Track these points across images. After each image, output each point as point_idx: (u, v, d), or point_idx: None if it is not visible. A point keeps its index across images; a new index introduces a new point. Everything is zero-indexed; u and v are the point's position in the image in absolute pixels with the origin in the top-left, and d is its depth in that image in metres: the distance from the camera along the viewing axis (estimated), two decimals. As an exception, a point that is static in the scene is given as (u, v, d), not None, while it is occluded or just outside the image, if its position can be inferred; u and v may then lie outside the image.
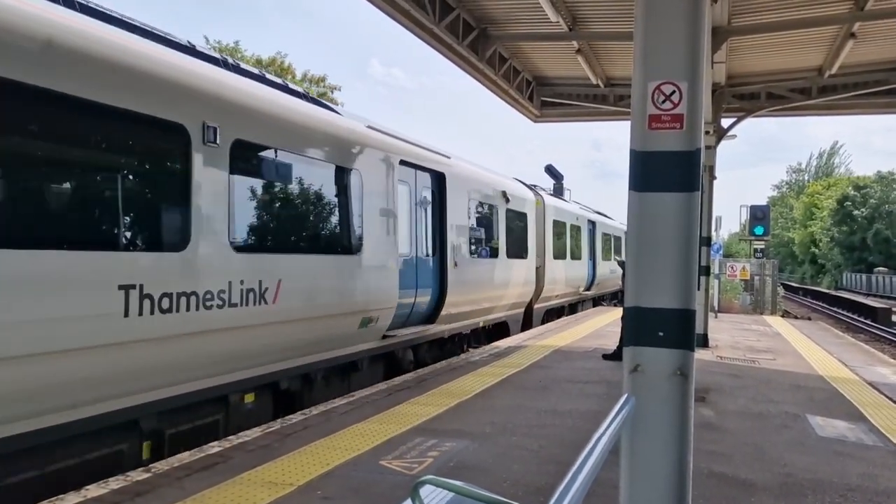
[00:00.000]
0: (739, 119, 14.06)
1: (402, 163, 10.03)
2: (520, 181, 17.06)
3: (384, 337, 9.57)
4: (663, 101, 3.36)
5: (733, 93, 13.88)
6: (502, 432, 6.41)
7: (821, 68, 12.64)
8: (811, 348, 13.90)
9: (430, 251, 11.13)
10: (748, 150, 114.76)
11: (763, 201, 72.20)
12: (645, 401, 3.32)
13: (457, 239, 11.82)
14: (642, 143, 3.39)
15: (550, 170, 26.20)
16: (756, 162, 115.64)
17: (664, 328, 3.32)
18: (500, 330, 14.95)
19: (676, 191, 3.31)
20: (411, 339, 10.57)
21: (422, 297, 10.78)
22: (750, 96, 14.03)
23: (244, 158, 6.87)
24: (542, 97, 15.62)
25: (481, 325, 13.58)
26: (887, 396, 8.94)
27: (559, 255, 19.42)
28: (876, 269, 56.45)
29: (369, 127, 9.45)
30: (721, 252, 23.87)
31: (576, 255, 21.71)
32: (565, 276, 20.06)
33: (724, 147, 14.42)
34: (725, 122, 14.15)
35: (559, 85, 15.33)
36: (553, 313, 19.54)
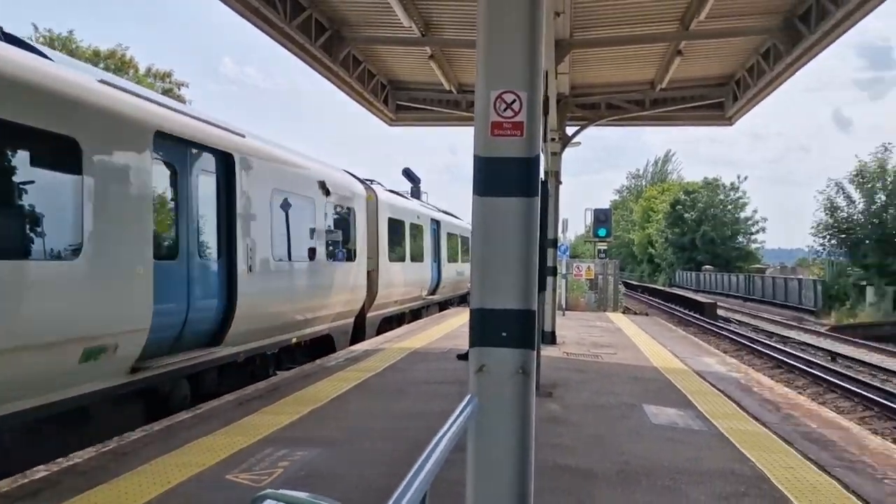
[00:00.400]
0: (582, 127, 14.89)
1: (162, 136, 7.65)
2: (350, 173, 15.13)
3: (135, 370, 7.25)
4: (505, 109, 3.48)
5: (577, 102, 14.66)
6: (356, 438, 6.37)
7: (653, 82, 13.66)
8: (648, 342, 14.95)
9: (212, 253, 8.93)
10: (593, 156, 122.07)
11: (606, 205, 76.93)
12: (489, 400, 3.42)
13: (252, 238, 9.57)
14: (485, 148, 3.49)
15: (408, 173, 26.45)
16: (601, 168, 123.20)
17: (507, 328, 3.44)
18: (324, 345, 13.05)
19: (517, 195, 3.44)
20: (182, 367, 8.16)
21: (199, 311, 8.46)
22: (591, 106, 14.90)
23: None
24: (398, 101, 15.73)
25: (294, 341, 11.47)
26: (711, 384, 9.78)
27: (397, 256, 17.80)
28: (703, 268, 61.82)
29: (103, 82, 7.16)
30: (568, 253, 25.12)
31: (417, 257, 20.11)
32: (405, 280, 18.47)
33: (570, 153, 15.21)
34: (570, 130, 14.94)
35: (414, 89, 15.50)
36: (392, 321, 17.92)
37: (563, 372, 10.34)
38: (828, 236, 36.00)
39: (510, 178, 3.45)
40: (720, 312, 32.84)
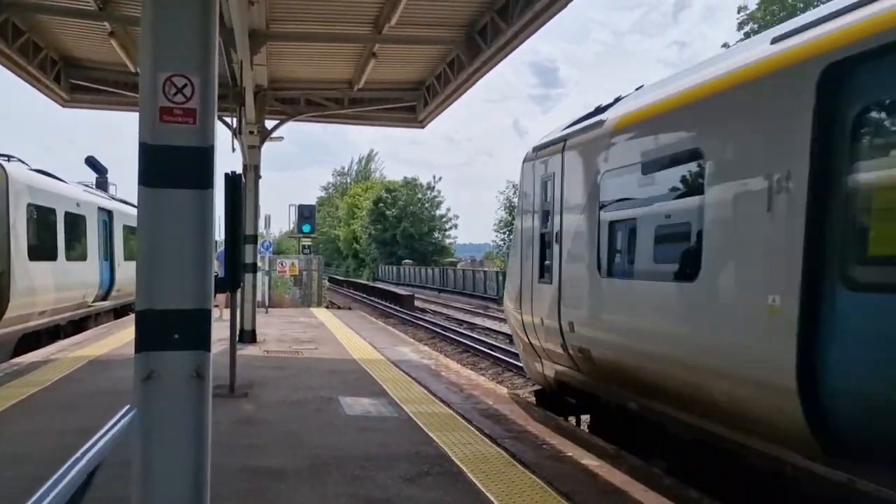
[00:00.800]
0: (282, 121, 14.70)
1: None
2: None
3: None
4: (175, 94, 3.23)
5: (276, 96, 14.43)
6: (13, 464, 5.50)
7: (351, 82, 13.97)
8: (349, 335, 15.32)
9: None
10: (301, 152, 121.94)
11: (314, 201, 77.32)
12: (160, 409, 3.16)
13: None
14: (153, 136, 3.21)
15: (91, 162, 23.65)
16: (308, 164, 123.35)
17: (180, 330, 3.20)
18: None
19: (190, 187, 3.22)
20: None
21: None
22: (291, 101, 14.77)
23: None
24: (73, 80, 13.98)
25: None
26: (405, 372, 10.33)
27: (44, 253, 14.03)
28: (403, 262, 65.41)
29: None
30: (272, 250, 24.69)
31: (78, 255, 16.39)
32: (57, 284, 14.53)
33: (275, 148, 14.91)
34: (270, 124, 14.66)
35: (92, 68, 13.89)
36: (41, 337, 14.42)
37: (262, 370, 10.11)
38: (507, 232, 40.38)
39: (182, 168, 3.22)
40: (417, 304, 34.93)
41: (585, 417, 8.62)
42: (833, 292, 4.29)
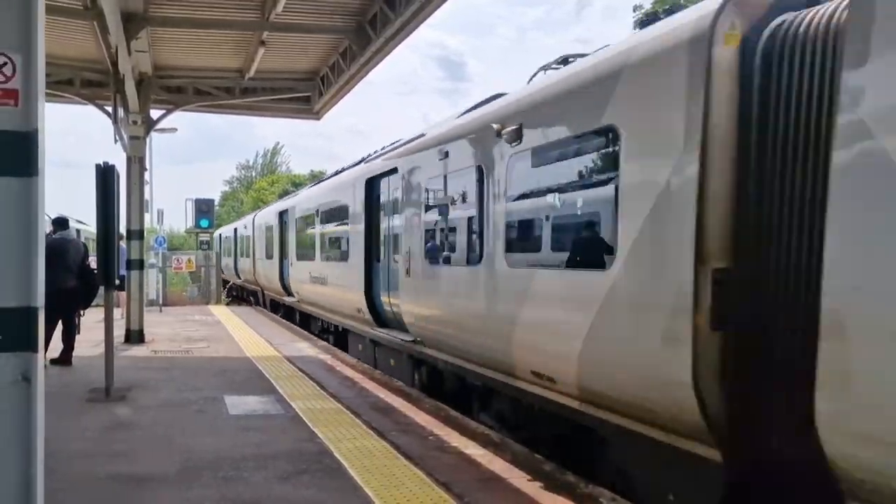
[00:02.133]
0: (169, 111, 14.06)
1: None
2: None
3: None
4: (-8, 73, 2.96)
5: (161, 84, 13.76)
6: None
7: (241, 70, 13.49)
8: (246, 333, 14.87)
9: None
10: (204, 145, 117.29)
11: (218, 195, 74.63)
12: (-21, 417, 2.89)
13: None
14: (-35, 118, 2.92)
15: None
16: (211, 157, 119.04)
17: (2, 330, 2.94)
18: None
19: (10, 175, 2.96)
20: None
21: None
22: (178, 90, 14.13)
23: None
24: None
25: None
26: (298, 368, 10.10)
27: None
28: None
29: None
30: (165, 245, 23.69)
31: None
32: None
33: (173, 140, 14.27)
34: (156, 114, 14.00)
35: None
36: None
37: (146, 372, 9.64)
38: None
39: (2, 154, 2.95)
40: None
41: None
42: None
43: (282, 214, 19.55)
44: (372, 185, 10.89)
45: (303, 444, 6.00)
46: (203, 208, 26.97)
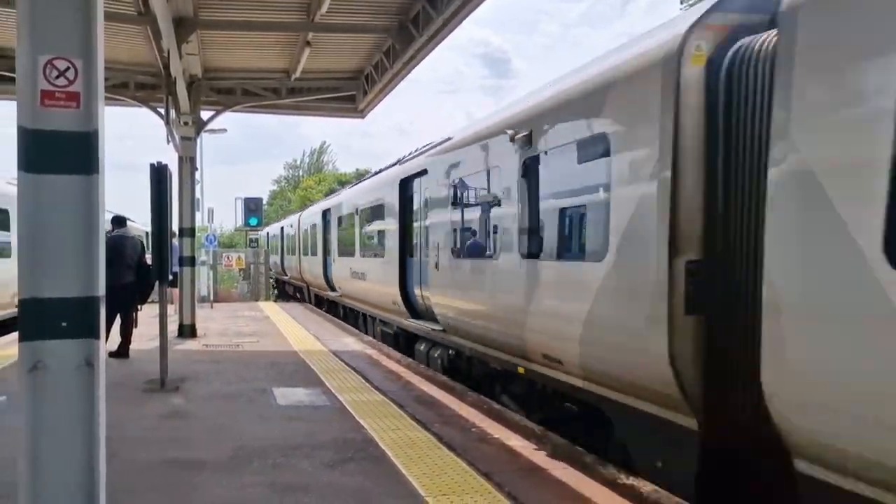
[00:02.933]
0: (218, 112, 14.43)
1: None
2: None
3: None
4: (57, 77, 3.16)
5: (211, 86, 14.14)
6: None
7: (288, 71, 13.77)
8: (293, 327, 15.19)
9: None
10: (252, 145, 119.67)
11: (266, 195, 75.95)
12: (49, 400, 3.09)
13: None
14: (33, 120, 3.13)
15: None
16: (260, 157, 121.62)
17: (67, 318, 3.14)
18: None
19: (73, 173, 3.16)
20: None
21: None
22: (227, 91, 14.49)
23: None
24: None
25: None
26: (345, 362, 10.30)
27: None
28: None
29: None
30: (216, 243, 24.30)
31: None
32: None
33: (222, 141, 14.64)
34: (206, 115, 14.37)
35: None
36: None
37: (198, 364, 9.97)
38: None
39: (65, 153, 3.15)
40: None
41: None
42: None
43: (325, 213, 20.25)
44: (405, 185, 11.73)
45: (348, 434, 6.16)
46: (252, 207, 27.57)
